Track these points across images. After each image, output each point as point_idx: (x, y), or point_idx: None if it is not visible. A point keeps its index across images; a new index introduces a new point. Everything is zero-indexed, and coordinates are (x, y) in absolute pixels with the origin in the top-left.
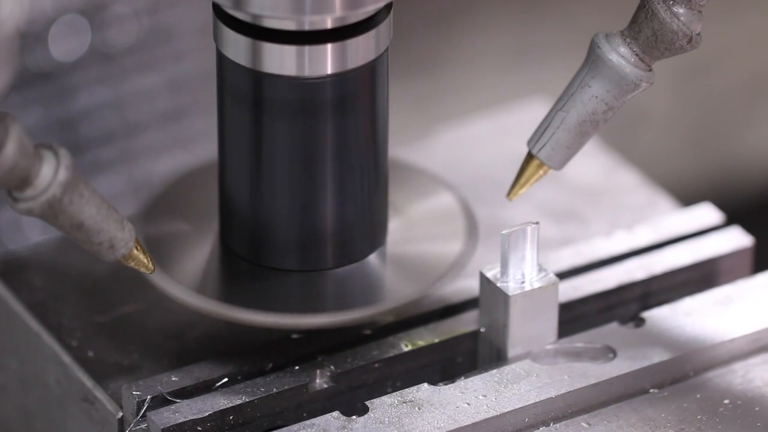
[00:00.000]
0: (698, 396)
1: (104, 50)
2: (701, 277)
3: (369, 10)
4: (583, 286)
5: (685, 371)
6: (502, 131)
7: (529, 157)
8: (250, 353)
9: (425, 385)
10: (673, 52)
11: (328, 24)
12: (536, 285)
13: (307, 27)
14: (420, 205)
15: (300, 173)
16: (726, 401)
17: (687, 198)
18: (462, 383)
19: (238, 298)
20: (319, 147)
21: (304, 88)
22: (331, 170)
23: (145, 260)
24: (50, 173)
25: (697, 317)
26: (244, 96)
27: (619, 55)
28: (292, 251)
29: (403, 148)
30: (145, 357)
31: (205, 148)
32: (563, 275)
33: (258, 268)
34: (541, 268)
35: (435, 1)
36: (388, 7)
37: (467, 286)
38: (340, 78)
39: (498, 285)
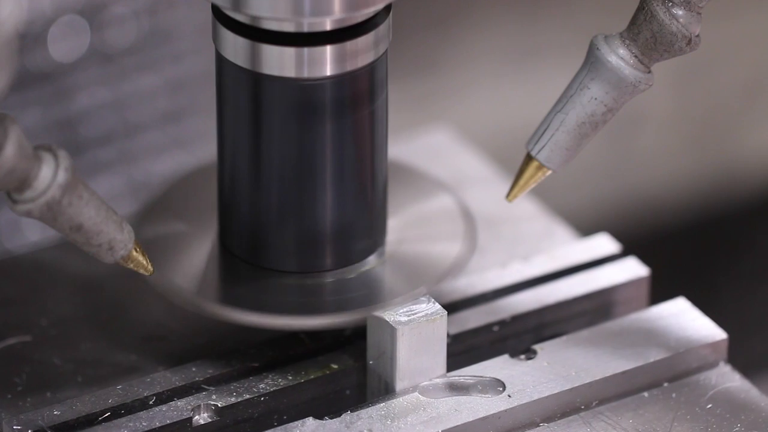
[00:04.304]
0: (588, 430)
1: (103, 51)
2: (596, 308)
3: (368, 11)
4: (475, 318)
5: (575, 405)
6: (402, 157)
7: (528, 158)
8: (132, 386)
9: (310, 419)
10: (673, 53)
11: (327, 26)
12: (423, 317)
13: (306, 29)
14: (419, 206)
15: (299, 174)
16: None
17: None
18: (348, 417)
19: (237, 299)
20: (318, 148)
21: (303, 89)
22: (329, 172)
23: (144, 262)
24: (49, 175)
25: (589, 349)
26: (243, 97)
27: (618, 57)
28: (291, 252)
29: (399, 148)
30: (29, 389)
31: (204, 149)
32: (456, 306)
33: (257, 270)
34: (429, 300)
35: (435, 1)
36: (387, 9)
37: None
38: (339, 80)
39: (385, 317)
